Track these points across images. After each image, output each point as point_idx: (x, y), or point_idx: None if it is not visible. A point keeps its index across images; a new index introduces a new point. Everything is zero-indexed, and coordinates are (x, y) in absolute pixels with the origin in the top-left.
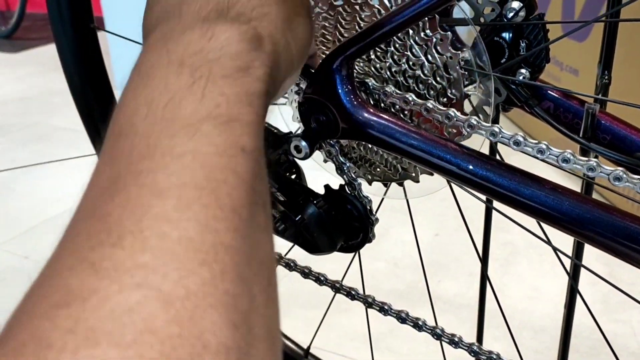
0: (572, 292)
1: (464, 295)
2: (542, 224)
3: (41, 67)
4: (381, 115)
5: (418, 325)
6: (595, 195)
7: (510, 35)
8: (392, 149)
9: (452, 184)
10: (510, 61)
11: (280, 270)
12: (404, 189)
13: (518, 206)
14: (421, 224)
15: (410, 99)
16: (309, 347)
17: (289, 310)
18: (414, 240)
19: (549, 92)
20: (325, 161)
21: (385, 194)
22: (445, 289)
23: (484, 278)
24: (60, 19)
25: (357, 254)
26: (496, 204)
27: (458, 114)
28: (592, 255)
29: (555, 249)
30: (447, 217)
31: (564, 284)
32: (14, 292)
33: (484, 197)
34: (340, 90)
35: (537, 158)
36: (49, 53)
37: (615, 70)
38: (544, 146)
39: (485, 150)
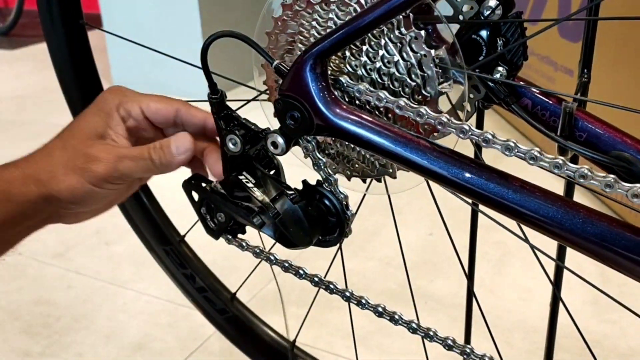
0: (555, 295)
1: (456, 294)
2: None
3: (38, 65)
4: (354, 112)
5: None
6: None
7: (488, 33)
8: (365, 145)
9: (429, 182)
10: (486, 58)
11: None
12: (386, 184)
13: (489, 204)
14: (414, 223)
15: (382, 96)
16: (294, 340)
17: (281, 308)
18: (407, 239)
19: (527, 90)
20: (305, 157)
21: (367, 189)
22: (438, 288)
23: (472, 277)
24: (49, 14)
25: (339, 250)
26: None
27: (429, 111)
28: (581, 255)
29: (534, 249)
30: (439, 216)
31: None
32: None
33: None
34: (313, 87)
35: (505, 155)
36: (46, 50)
37: (606, 71)
38: (512, 144)
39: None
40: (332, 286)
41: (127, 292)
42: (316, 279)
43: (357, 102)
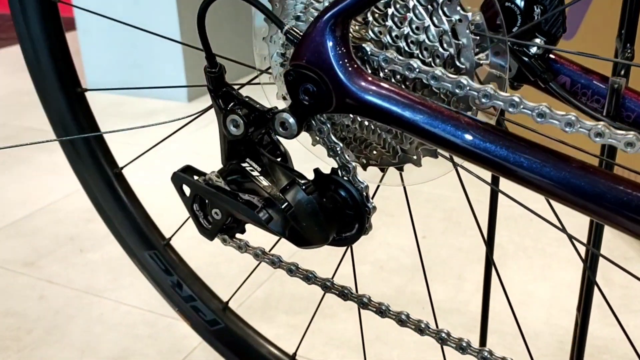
0: (589, 283)
1: (453, 299)
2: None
3: (9, 68)
4: (382, 84)
5: (420, 329)
6: None
7: (523, 0)
8: (395, 122)
9: (459, 169)
10: (524, 27)
11: (260, 274)
12: (401, 175)
13: (540, 189)
14: (407, 226)
15: (415, 65)
16: (294, 354)
17: (271, 317)
18: (399, 242)
19: (565, 65)
20: (314, 144)
21: (381, 180)
22: (434, 293)
23: (489, 270)
24: None
25: (349, 250)
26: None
27: (471, 82)
28: (576, 255)
29: (570, 237)
30: (434, 218)
31: (554, 288)
32: None
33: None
34: (333, 55)
35: (565, 132)
36: (17, 53)
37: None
38: (573, 118)
39: None
40: (346, 291)
41: (104, 302)
42: (328, 284)
43: (380, 74)
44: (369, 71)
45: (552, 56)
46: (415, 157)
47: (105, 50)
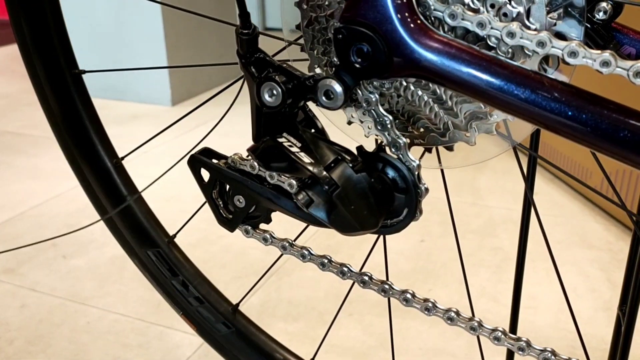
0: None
1: (457, 303)
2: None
3: None
4: (450, 41)
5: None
6: None
7: None
8: (466, 88)
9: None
10: None
11: (254, 280)
12: (438, 155)
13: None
14: (404, 230)
15: (487, 20)
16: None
17: (268, 325)
18: (398, 246)
19: (630, 35)
20: (349, 123)
21: (420, 159)
22: (437, 297)
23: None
24: None
25: (382, 239)
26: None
27: (554, 39)
28: (586, 260)
29: (630, 213)
30: (432, 222)
31: (559, 291)
32: None
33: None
34: (393, 8)
35: None
36: None
37: None
38: None
39: None
40: (386, 286)
41: (90, 310)
42: (366, 277)
43: (442, 32)
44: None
45: (615, 25)
46: (468, 135)
47: (85, 53)
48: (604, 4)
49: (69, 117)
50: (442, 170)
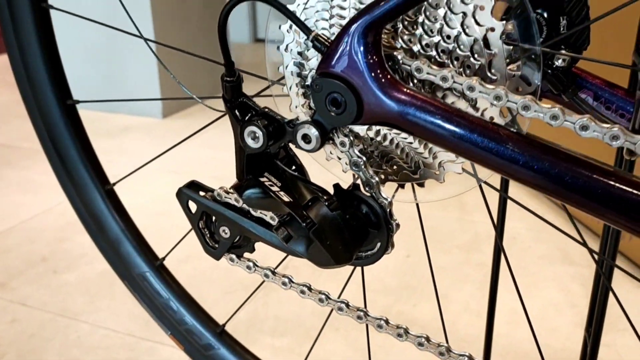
0: (604, 300)
1: (440, 319)
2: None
3: None
4: (418, 95)
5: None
6: None
7: (549, 12)
8: (431, 136)
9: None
10: (556, 38)
11: (242, 296)
12: (414, 190)
13: (581, 204)
14: None
15: (449, 75)
16: None
17: (255, 340)
18: (384, 262)
19: (589, 79)
20: (328, 159)
21: (393, 196)
22: (422, 313)
23: (495, 284)
24: None
25: (360, 269)
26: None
27: (510, 93)
28: (568, 275)
29: (591, 251)
30: (417, 237)
31: (540, 307)
32: None
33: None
34: (365, 63)
35: (610, 145)
36: None
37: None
38: (619, 132)
39: None
40: (361, 313)
41: (81, 325)
42: (343, 305)
43: (411, 83)
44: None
45: (575, 71)
46: (437, 173)
47: (77, 65)
48: (563, 52)
49: (62, 147)
50: (417, 205)
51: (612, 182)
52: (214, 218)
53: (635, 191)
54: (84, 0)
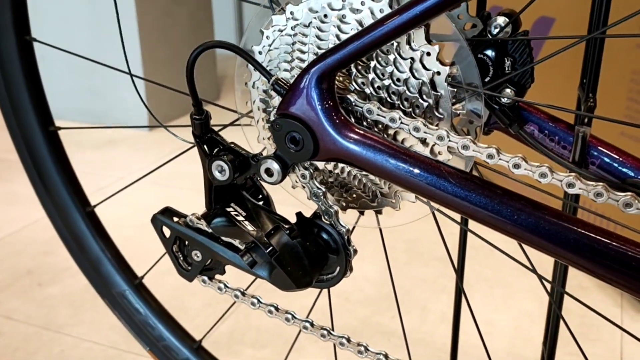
0: (557, 319)
1: (418, 330)
2: (524, 250)
3: None
4: (367, 134)
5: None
6: None
7: (495, 52)
8: (379, 172)
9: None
10: (499, 80)
11: (224, 307)
12: (377, 217)
13: (513, 235)
14: (370, 257)
15: (397, 117)
16: None
17: (237, 352)
18: (364, 273)
19: (533, 114)
20: (294, 187)
21: (356, 222)
22: (399, 324)
23: (459, 298)
24: None
25: (327, 291)
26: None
27: (452, 134)
28: (542, 287)
29: (539, 276)
30: (397, 250)
31: (516, 318)
32: None
33: (457, 219)
34: (320, 107)
35: (539, 182)
36: None
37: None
38: (547, 170)
39: None
40: (325, 330)
41: (65, 338)
42: (307, 324)
43: (364, 123)
44: (353, 120)
45: (521, 105)
46: (393, 201)
47: (63, 78)
48: (507, 90)
49: (44, 171)
50: (380, 230)
51: (542, 215)
52: (186, 242)
53: (571, 226)
54: (69, 26)
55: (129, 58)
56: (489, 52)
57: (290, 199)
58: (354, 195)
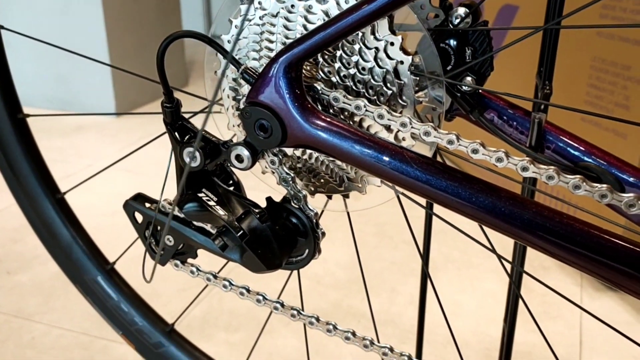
0: (516, 298)
1: (387, 311)
2: (485, 231)
3: None
4: (334, 122)
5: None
6: None
7: (456, 42)
8: (345, 158)
9: (400, 196)
10: (463, 67)
11: (196, 292)
12: (345, 201)
13: (473, 217)
14: (340, 241)
15: (362, 104)
16: None
17: (210, 335)
18: (335, 258)
19: (493, 101)
20: (263, 172)
21: (325, 206)
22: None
23: (425, 281)
24: None
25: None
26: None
27: (414, 121)
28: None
29: (499, 256)
30: (366, 233)
31: (481, 298)
32: None
33: (423, 203)
34: (287, 94)
35: (496, 166)
36: None
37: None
38: (503, 155)
39: None
40: (295, 310)
41: (35, 326)
42: (278, 304)
43: (330, 110)
44: (320, 108)
45: (482, 92)
46: (360, 185)
47: (28, 63)
48: (468, 78)
49: (13, 159)
50: (348, 214)
51: (498, 197)
52: (158, 227)
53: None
54: (35, 12)
55: (95, 44)
56: (451, 42)
57: (261, 184)
58: (322, 181)
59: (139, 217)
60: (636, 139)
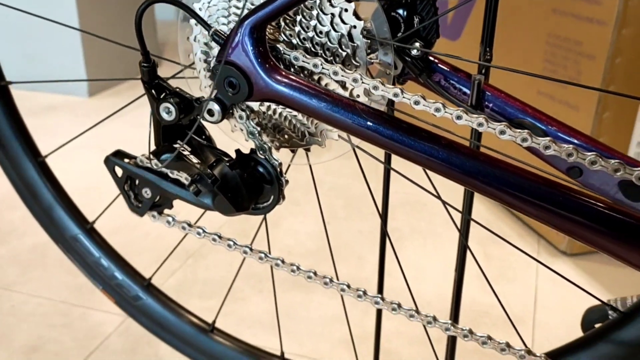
0: (464, 249)
1: (355, 277)
2: (433, 183)
3: None
4: (293, 77)
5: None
6: None
7: (405, 11)
8: (304, 109)
9: (356, 150)
10: (406, 33)
11: (172, 264)
12: (307, 155)
13: (418, 162)
14: (310, 213)
15: (318, 63)
16: (214, 322)
17: (184, 302)
18: (305, 229)
19: (439, 65)
20: (233, 130)
21: (291, 160)
22: (339, 272)
23: (384, 239)
24: None
25: (264, 220)
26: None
27: (365, 77)
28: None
29: (444, 202)
30: (336, 206)
31: (445, 264)
32: None
33: (380, 158)
34: (253, 53)
35: (434, 116)
36: None
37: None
38: (440, 105)
39: None
40: (262, 254)
41: (15, 295)
42: (247, 249)
43: (292, 69)
44: (282, 67)
45: (430, 57)
46: (320, 139)
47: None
48: (417, 44)
49: None
50: (310, 167)
51: (436, 142)
52: (137, 181)
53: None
54: None
55: (64, 20)
56: (400, 11)
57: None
58: (286, 136)
59: (119, 172)
60: (587, 110)
